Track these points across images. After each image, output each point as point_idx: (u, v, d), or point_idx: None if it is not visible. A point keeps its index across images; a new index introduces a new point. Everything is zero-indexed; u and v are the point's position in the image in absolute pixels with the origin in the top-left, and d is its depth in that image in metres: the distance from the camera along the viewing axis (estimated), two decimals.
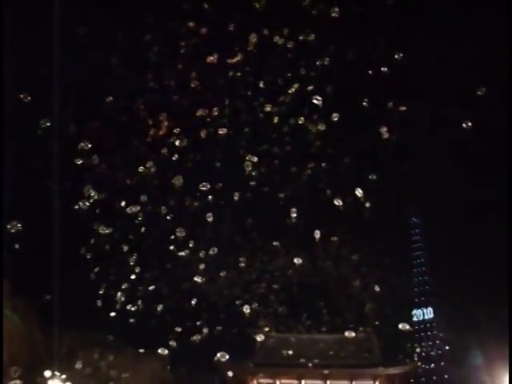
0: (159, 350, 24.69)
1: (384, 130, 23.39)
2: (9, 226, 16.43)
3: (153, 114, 25.70)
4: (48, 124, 20.17)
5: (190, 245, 25.52)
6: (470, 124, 20.80)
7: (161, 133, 24.75)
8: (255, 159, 23.77)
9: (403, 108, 23.68)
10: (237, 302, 33.10)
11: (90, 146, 22.58)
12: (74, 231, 30.77)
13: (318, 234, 24.14)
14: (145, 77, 26.87)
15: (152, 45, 26.40)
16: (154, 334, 34.14)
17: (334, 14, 22.16)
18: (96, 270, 28.78)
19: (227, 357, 21.74)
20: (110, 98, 25.41)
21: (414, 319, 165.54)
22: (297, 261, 26.36)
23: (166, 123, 24.53)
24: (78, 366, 38.48)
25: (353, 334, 28.29)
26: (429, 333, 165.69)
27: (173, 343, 26.44)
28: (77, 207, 22.03)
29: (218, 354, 21.69)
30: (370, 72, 24.56)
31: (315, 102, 22.42)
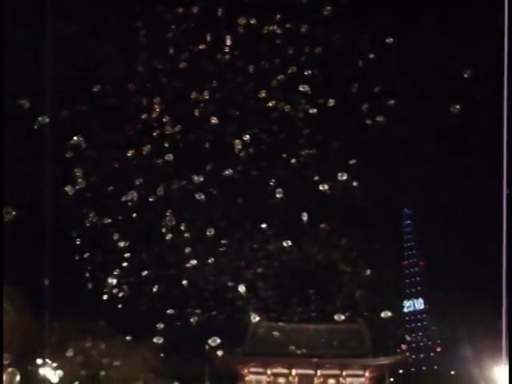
0: (154, 339, 24.66)
1: (376, 118, 23.50)
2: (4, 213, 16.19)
3: (143, 98, 25.69)
4: (47, 120, 20.07)
5: (179, 231, 25.46)
6: (457, 107, 20.87)
7: (150, 116, 24.76)
8: (247, 137, 23.85)
9: (391, 101, 23.69)
10: (227, 290, 33.24)
11: (79, 130, 22.59)
12: (64, 217, 30.68)
13: (305, 217, 24.07)
14: (135, 62, 26.80)
15: (141, 30, 26.29)
16: (144, 322, 34.14)
17: (326, 13, 22.19)
18: (86, 255, 28.76)
19: (218, 341, 21.73)
20: (100, 84, 25.41)
21: (405, 310, 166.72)
22: (286, 244, 26.35)
23: (155, 107, 24.53)
24: (70, 353, 38.48)
25: (342, 317, 28.35)
26: (419, 323, 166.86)
27: (160, 325, 26.45)
28: (67, 192, 21.94)
29: (210, 340, 21.69)
30: (359, 58, 24.65)
31: (302, 89, 22.50)
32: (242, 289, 26.06)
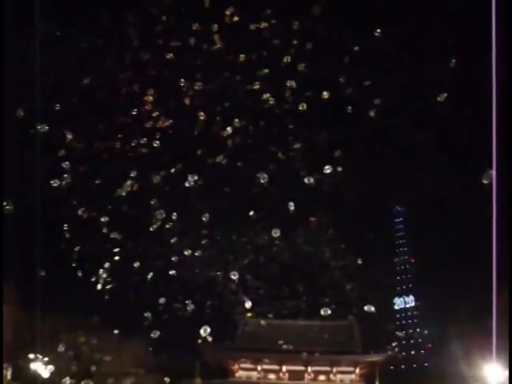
0: (151, 334, 24.60)
1: (370, 114, 23.56)
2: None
3: (130, 90, 25.69)
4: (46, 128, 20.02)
5: (168, 222, 25.35)
6: (445, 95, 20.99)
7: (138, 108, 24.76)
8: (235, 128, 23.88)
9: (377, 100, 23.65)
10: (218, 282, 33.25)
11: (66, 119, 22.61)
12: (53, 210, 30.57)
13: (292, 207, 23.92)
14: (122, 54, 26.74)
15: (130, 23, 26.20)
16: (136, 316, 34.04)
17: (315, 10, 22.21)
18: (76, 249, 28.66)
19: (209, 330, 21.61)
20: (86, 77, 25.45)
21: (395, 307, 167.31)
22: (275, 233, 26.28)
23: (143, 99, 24.52)
24: (61, 348, 38.43)
25: (329, 312, 28.38)
26: (410, 321, 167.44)
27: (151, 320, 26.44)
28: (56, 185, 21.87)
29: (201, 330, 21.53)
30: (347, 50, 24.71)
31: (289, 83, 22.53)
32: (234, 275, 25.98)
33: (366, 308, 23.64)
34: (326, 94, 22.92)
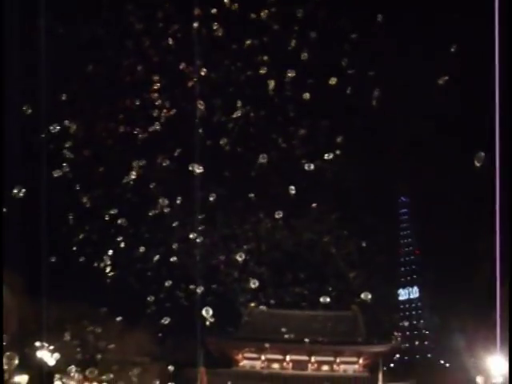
0: (162, 320, 24.70)
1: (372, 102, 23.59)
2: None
3: (134, 76, 25.72)
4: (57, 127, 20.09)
5: (170, 208, 25.36)
6: (446, 78, 21.03)
7: (141, 93, 24.81)
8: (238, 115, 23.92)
9: (380, 89, 23.64)
10: (222, 274, 33.35)
11: (68, 109, 22.71)
12: (58, 199, 30.67)
13: (293, 191, 23.92)
14: (125, 43, 26.76)
15: (132, 11, 26.16)
16: (140, 304, 34.15)
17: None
18: (80, 236, 28.76)
19: (211, 311, 21.55)
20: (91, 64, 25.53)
21: (400, 298, 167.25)
22: (277, 215, 26.34)
23: (146, 84, 24.57)
24: (67, 337, 38.65)
25: (328, 300, 28.44)
26: (414, 312, 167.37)
27: (151, 298, 26.52)
28: (58, 174, 21.96)
29: (203, 311, 21.46)
30: (350, 37, 24.71)
31: (291, 72, 22.52)
32: (240, 257, 25.99)
33: (362, 295, 23.73)
34: (331, 81, 22.90)
